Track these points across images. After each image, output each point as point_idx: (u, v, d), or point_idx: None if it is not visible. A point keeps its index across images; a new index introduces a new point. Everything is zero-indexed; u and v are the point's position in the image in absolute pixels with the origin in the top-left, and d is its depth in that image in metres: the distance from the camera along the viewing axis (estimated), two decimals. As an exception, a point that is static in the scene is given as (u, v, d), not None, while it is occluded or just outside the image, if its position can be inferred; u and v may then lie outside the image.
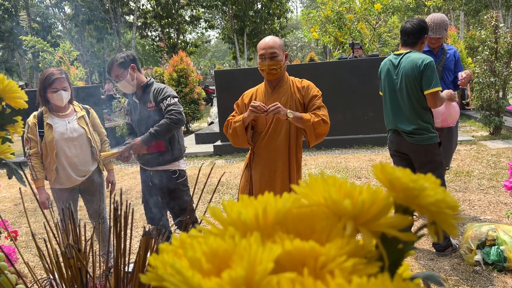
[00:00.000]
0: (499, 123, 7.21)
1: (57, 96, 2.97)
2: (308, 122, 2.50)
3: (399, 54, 3.15)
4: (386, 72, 3.20)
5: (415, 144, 3.08)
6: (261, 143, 2.63)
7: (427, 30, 3.11)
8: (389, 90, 3.19)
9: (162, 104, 3.00)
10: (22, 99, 0.90)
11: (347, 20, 9.35)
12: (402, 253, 0.39)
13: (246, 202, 0.38)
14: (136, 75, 3.08)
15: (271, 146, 2.61)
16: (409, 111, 3.07)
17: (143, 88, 3.10)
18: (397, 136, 3.20)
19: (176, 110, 2.97)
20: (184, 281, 0.29)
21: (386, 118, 3.30)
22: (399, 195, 0.37)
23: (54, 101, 2.99)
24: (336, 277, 0.30)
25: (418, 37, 3.08)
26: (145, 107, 3.06)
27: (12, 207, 5.65)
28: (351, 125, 7.49)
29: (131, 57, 3.07)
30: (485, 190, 4.61)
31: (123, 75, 3.01)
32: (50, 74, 2.95)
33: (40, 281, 0.86)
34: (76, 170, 3.09)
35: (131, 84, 3.06)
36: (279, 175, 2.61)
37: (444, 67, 3.70)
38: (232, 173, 6.35)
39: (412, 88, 3.02)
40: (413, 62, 3.00)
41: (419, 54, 3.03)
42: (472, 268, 2.99)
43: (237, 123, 2.59)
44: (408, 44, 3.11)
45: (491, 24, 7.04)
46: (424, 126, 3.05)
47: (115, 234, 0.77)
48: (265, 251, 0.30)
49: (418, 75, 2.97)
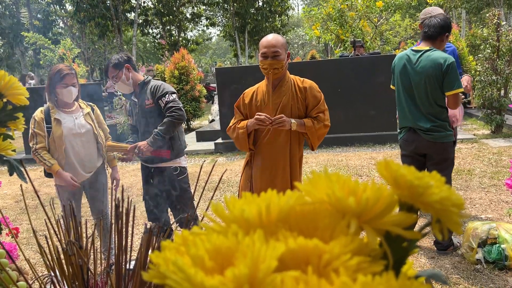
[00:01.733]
0: (501, 122, 7.20)
1: (66, 92, 2.98)
2: (312, 129, 2.54)
3: (418, 50, 3.05)
4: (402, 67, 3.11)
5: (432, 142, 3.04)
6: (262, 142, 2.63)
7: (450, 28, 3.03)
8: (404, 86, 3.12)
9: (161, 101, 3.01)
10: (23, 95, 0.89)
11: (348, 17, 9.33)
12: (406, 252, 0.38)
13: (249, 199, 0.37)
14: (132, 74, 3.11)
15: (272, 144, 2.60)
16: (427, 108, 3.02)
17: (140, 87, 3.12)
18: (413, 134, 3.12)
19: (176, 106, 2.98)
20: (186, 279, 0.29)
21: (400, 115, 3.21)
22: (404, 193, 0.36)
23: (63, 97, 3.00)
24: (341, 275, 0.29)
25: (439, 32, 2.99)
26: (143, 104, 3.08)
27: (13, 204, 5.66)
28: (352, 123, 7.47)
29: (125, 58, 3.11)
30: (486, 189, 4.61)
31: (118, 76, 3.05)
32: (61, 70, 2.96)
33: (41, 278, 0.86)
34: (83, 166, 3.10)
35: (127, 84, 3.10)
36: (280, 173, 2.60)
37: None
38: (233, 171, 6.34)
39: (432, 87, 2.96)
40: (435, 61, 2.92)
41: (441, 53, 2.95)
42: (473, 266, 2.99)
43: (241, 130, 2.59)
44: (429, 38, 3.01)
45: (493, 22, 7.02)
46: (441, 124, 3.01)
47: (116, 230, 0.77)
48: (268, 248, 0.30)
49: (440, 75, 2.90)
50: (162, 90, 3.03)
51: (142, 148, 2.96)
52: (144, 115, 3.09)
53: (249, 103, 2.65)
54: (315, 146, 2.65)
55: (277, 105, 2.57)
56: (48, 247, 0.83)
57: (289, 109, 2.56)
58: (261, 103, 2.60)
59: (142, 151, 2.97)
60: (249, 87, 2.76)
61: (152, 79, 3.22)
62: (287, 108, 2.56)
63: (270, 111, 2.55)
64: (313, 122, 2.55)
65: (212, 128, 9.28)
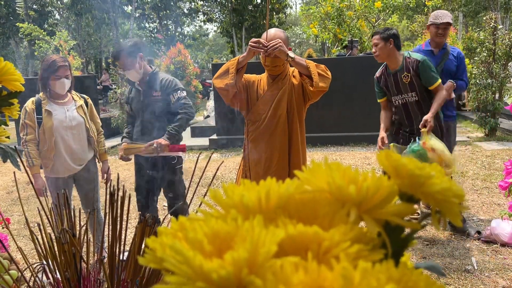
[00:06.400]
0: (495, 125, 7.24)
1: (59, 84, 2.96)
2: (311, 64, 2.42)
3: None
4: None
5: None
6: (256, 131, 2.61)
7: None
8: None
9: (172, 96, 3.08)
10: (18, 81, 0.88)
11: (346, 17, 9.33)
12: (405, 242, 0.38)
13: (248, 186, 0.37)
14: (143, 63, 3.11)
15: (266, 136, 2.59)
16: None
17: (149, 76, 3.13)
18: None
19: (189, 104, 3.12)
20: (185, 262, 0.28)
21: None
22: (404, 182, 0.36)
23: (56, 89, 2.98)
24: (341, 261, 0.29)
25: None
26: (150, 94, 3.10)
27: (5, 195, 5.62)
28: (347, 122, 7.49)
29: (139, 46, 3.10)
30: (479, 191, 4.64)
31: (133, 64, 3.03)
32: (55, 61, 2.94)
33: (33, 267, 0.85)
34: (73, 158, 3.09)
35: (139, 73, 3.10)
36: (275, 163, 2.58)
37: (444, 69, 3.64)
38: (227, 167, 6.34)
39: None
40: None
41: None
42: (464, 267, 3.01)
43: (232, 60, 2.49)
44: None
45: (490, 26, 7.06)
46: None
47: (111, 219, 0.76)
48: (268, 233, 0.30)
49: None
50: (175, 85, 3.13)
51: (163, 144, 3.00)
52: (148, 105, 3.10)
53: (252, 84, 2.64)
54: (315, 80, 2.38)
55: (273, 97, 2.56)
56: (41, 235, 0.82)
57: (285, 101, 2.56)
58: (258, 93, 2.60)
59: (162, 147, 2.99)
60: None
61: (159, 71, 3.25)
62: (283, 101, 2.56)
63: (266, 102, 2.55)
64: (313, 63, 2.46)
65: (207, 124, 9.26)
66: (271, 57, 2.45)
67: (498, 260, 3.10)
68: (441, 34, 3.58)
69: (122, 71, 3.11)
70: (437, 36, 3.59)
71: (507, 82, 7.24)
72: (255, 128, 2.62)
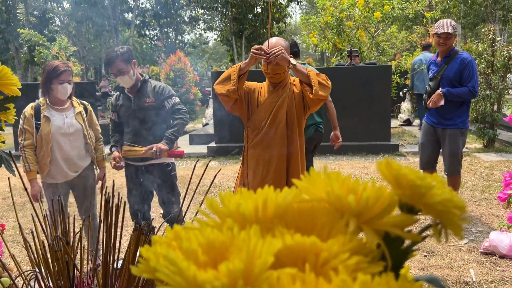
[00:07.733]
0: (493, 136, 7.25)
1: (62, 89, 2.96)
2: (312, 72, 2.43)
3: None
4: None
5: None
6: (256, 138, 2.60)
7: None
8: None
9: (166, 102, 3.11)
10: (15, 86, 0.88)
11: (346, 27, 9.37)
12: (405, 254, 0.37)
13: (245, 195, 0.36)
14: (136, 70, 3.13)
15: (265, 143, 2.58)
16: None
17: (140, 84, 3.13)
18: None
19: (183, 109, 3.17)
20: (178, 272, 0.27)
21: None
22: (405, 193, 0.35)
23: (58, 93, 2.98)
24: (340, 274, 0.28)
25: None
26: (142, 102, 3.10)
27: (1, 201, 5.58)
28: (346, 132, 7.47)
29: (132, 52, 3.19)
30: (478, 202, 4.62)
31: (127, 69, 3.04)
32: (58, 66, 2.97)
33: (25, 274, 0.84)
34: (69, 165, 3.08)
35: (132, 79, 3.10)
36: (272, 171, 2.57)
37: (443, 76, 3.67)
38: (225, 175, 6.32)
39: None
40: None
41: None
42: (463, 279, 2.99)
43: (234, 67, 2.50)
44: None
45: (488, 38, 7.09)
46: None
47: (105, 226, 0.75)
48: (265, 244, 0.29)
49: None
50: (168, 91, 3.16)
51: (163, 149, 3.01)
52: (140, 112, 3.09)
53: (252, 91, 2.64)
54: (315, 87, 2.37)
55: (273, 104, 2.56)
56: (34, 243, 0.81)
57: (284, 109, 2.56)
58: (258, 101, 2.61)
59: (162, 152, 3.00)
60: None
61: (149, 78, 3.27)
62: (283, 108, 2.55)
63: (265, 110, 2.55)
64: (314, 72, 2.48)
65: (206, 132, 9.25)
66: (273, 65, 2.45)
67: (497, 272, 3.08)
68: (443, 43, 3.64)
69: (114, 77, 3.10)
70: (439, 45, 3.68)
71: (506, 94, 7.26)
72: (254, 135, 2.61)
